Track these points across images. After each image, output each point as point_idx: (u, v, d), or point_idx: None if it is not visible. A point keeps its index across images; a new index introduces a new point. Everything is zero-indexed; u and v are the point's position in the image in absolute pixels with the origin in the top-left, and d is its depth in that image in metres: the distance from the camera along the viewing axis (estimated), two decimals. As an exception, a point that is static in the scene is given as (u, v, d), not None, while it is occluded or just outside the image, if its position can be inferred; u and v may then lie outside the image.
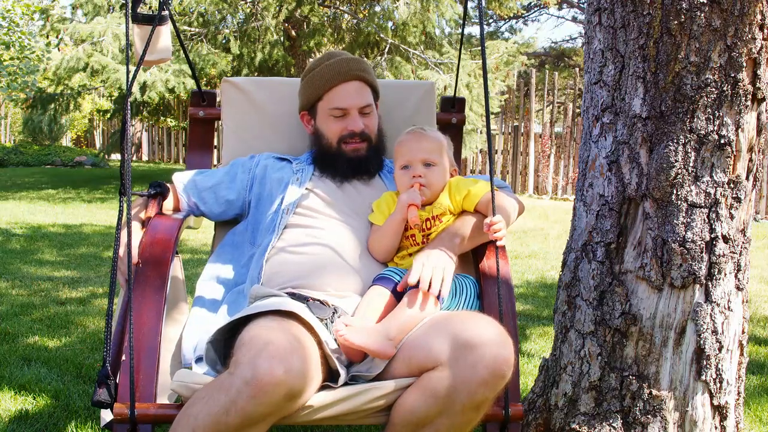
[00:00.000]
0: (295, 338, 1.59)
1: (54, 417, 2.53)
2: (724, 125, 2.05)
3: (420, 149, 2.09)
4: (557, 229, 7.92)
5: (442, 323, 1.66)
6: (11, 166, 16.18)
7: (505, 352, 1.59)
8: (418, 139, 2.11)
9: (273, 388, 1.46)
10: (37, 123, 19.89)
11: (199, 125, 2.66)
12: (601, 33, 2.20)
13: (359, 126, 2.21)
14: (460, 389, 1.55)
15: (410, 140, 2.12)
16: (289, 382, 1.48)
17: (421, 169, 2.07)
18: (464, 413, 1.57)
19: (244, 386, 1.47)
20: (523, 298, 4.74)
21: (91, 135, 22.19)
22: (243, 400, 1.46)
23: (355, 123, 2.21)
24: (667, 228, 2.08)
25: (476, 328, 1.61)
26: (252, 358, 1.50)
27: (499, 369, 1.56)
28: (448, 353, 1.58)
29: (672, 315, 2.11)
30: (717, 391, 2.14)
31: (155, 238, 1.97)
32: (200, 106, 2.65)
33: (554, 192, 12.36)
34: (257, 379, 1.46)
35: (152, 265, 1.91)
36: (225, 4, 10.16)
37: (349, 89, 2.21)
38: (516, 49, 11.53)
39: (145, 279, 1.88)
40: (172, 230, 2.02)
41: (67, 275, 5.05)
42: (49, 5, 11.48)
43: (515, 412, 1.76)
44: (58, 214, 8.56)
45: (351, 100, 2.21)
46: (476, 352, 1.56)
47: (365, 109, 2.24)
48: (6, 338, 3.47)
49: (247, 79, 2.63)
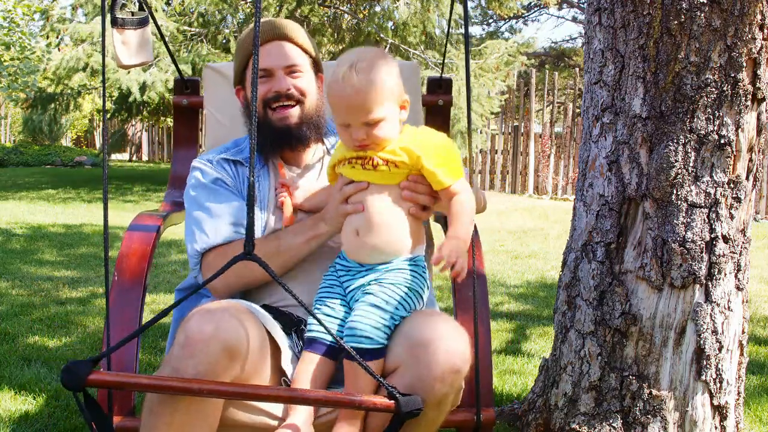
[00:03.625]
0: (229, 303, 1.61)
1: (54, 417, 2.53)
2: (724, 125, 2.05)
3: (357, 109, 1.64)
4: (557, 229, 7.92)
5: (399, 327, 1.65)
6: (11, 166, 16.19)
7: (458, 346, 1.57)
8: (353, 96, 1.63)
9: (206, 344, 1.48)
10: (37, 123, 19.91)
11: (183, 114, 2.61)
12: (601, 33, 2.20)
13: (285, 85, 1.94)
14: (418, 388, 1.54)
15: (342, 95, 1.64)
16: (221, 335, 1.49)
17: (363, 131, 1.66)
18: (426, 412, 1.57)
19: (179, 350, 1.49)
20: (523, 298, 4.74)
21: (91, 135, 22.21)
22: (182, 364, 1.47)
23: (278, 84, 1.94)
24: (667, 228, 2.08)
25: (429, 325, 1.60)
26: (183, 323, 1.53)
27: (452, 363, 1.55)
28: (404, 354, 1.58)
29: (672, 315, 2.11)
30: (717, 391, 2.14)
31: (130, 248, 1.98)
32: (183, 94, 2.59)
33: (554, 192, 12.36)
34: (189, 338, 1.49)
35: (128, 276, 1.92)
36: (225, 4, 10.16)
37: (270, 49, 1.97)
38: (516, 49, 11.53)
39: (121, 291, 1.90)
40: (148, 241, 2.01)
41: (67, 275, 5.05)
42: (49, 6, 11.48)
43: (487, 417, 1.74)
44: (58, 214, 8.57)
45: (272, 60, 1.95)
46: (429, 348, 1.55)
47: (292, 68, 1.96)
48: (6, 338, 3.47)
49: (229, 64, 2.53)
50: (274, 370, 1.70)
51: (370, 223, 1.69)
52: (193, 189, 1.99)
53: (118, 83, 9.63)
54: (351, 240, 1.72)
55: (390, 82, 1.66)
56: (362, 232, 1.70)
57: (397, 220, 1.70)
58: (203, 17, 10.45)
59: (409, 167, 1.68)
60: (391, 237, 1.69)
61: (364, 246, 1.70)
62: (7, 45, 12.81)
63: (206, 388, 1.43)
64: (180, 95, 2.60)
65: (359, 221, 1.71)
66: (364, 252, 1.70)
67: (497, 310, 4.38)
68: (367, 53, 1.68)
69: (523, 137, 12.63)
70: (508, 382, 3.04)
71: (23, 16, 12.78)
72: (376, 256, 1.70)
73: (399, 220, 1.70)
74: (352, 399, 1.47)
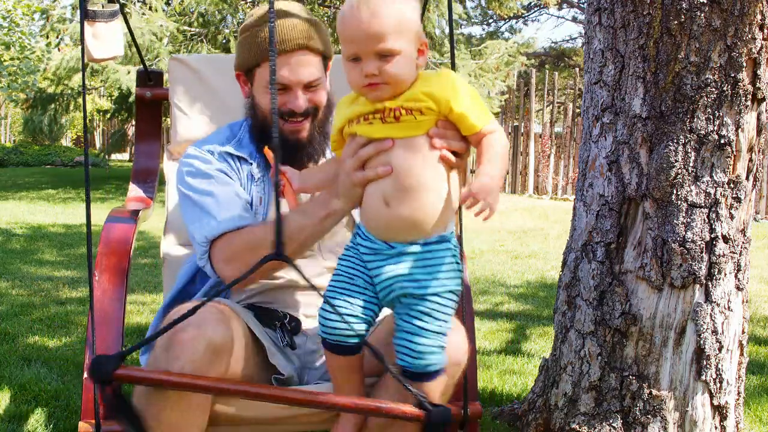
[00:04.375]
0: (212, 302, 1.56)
1: (54, 417, 2.53)
2: (724, 125, 2.05)
3: (371, 36, 1.43)
4: (557, 229, 7.92)
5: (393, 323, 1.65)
6: (11, 166, 16.19)
7: (458, 339, 1.58)
8: (368, 19, 1.43)
9: (191, 343, 1.47)
10: (37, 123, 19.91)
11: (146, 108, 2.55)
12: (601, 33, 2.20)
13: (301, 106, 1.81)
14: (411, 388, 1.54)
15: (356, 20, 1.44)
16: (206, 334, 1.49)
17: (374, 64, 1.43)
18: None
19: (164, 352, 1.49)
20: (523, 298, 4.74)
21: (91, 135, 22.19)
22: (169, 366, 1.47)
23: (296, 102, 1.80)
24: (667, 228, 2.08)
25: None
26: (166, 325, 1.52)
27: (454, 355, 1.56)
28: None
29: (672, 315, 2.11)
30: (717, 391, 2.14)
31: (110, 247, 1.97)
32: (147, 86, 2.51)
33: (554, 192, 12.36)
34: (173, 339, 1.48)
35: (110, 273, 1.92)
36: (225, 4, 10.16)
37: (291, 62, 1.79)
38: (516, 49, 11.54)
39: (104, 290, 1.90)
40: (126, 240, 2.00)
41: (67, 275, 5.05)
42: (49, 5, 11.48)
43: (474, 410, 1.77)
44: (58, 214, 8.57)
45: (293, 76, 1.79)
46: None
47: (311, 83, 1.82)
48: (6, 338, 3.47)
49: (197, 56, 2.52)
50: (261, 366, 1.70)
51: (404, 187, 1.44)
52: (192, 176, 1.83)
53: (118, 83, 9.62)
54: (380, 214, 1.46)
55: (410, 14, 1.47)
56: (394, 201, 1.45)
57: (436, 180, 1.46)
58: (203, 17, 10.45)
59: (436, 113, 1.46)
60: (432, 203, 1.46)
61: (399, 219, 1.45)
62: (7, 45, 12.81)
63: (233, 388, 1.40)
64: (143, 87, 2.52)
65: (388, 188, 1.45)
66: (399, 227, 1.46)
67: (497, 310, 4.38)
68: None
69: (523, 137, 12.63)
70: (508, 382, 3.04)
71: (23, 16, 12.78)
72: (414, 232, 1.46)
73: (437, 179, 1.46)
74: (380, 406, 1.43)
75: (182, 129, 2.44)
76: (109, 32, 1.88)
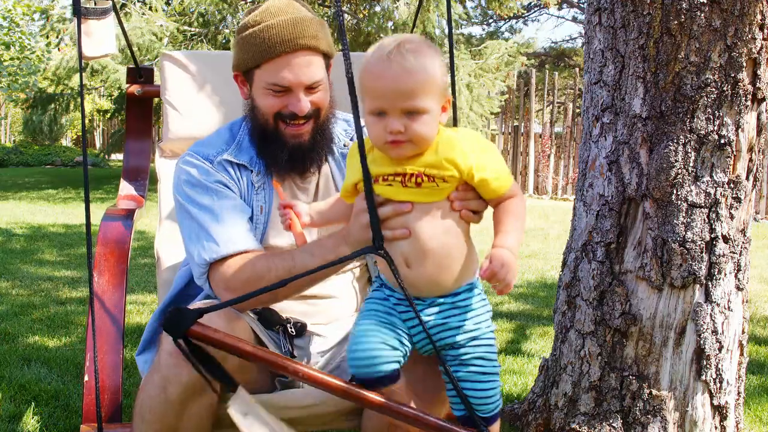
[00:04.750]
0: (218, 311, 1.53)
1: (54, 417, 2.53)
2: (724, 125, 2.05)
3: (401, 93, 1.38)
4: (557, 229, 7.92)
5: None
6: (11, 166, 16.20)
7: None
8: (400, 75, 1.37)
9: None
10: (37, 123, 19.92)
11: (136, 105, 2.55)
12: (601, 33, 2.20)
13: (303, 108, 1.74)
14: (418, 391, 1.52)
15: (385, 74, 1.38)
16: None
17: (400, 122, 1.39)
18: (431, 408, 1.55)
19: (168, 357, 1.49)
20: (523, 298, 4.74)
21: (91, 135, 22.19)
22: (171, 370, 1.47)
23: (298, 105, 1.74)
24: (667, 228, 2.08)
25: None
26: None
27: None
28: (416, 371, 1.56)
29: (672, 315, 2.11)
30: (717, 391, 2.14)
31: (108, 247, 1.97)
32: (137, 83, 2.51)
33: (554, 192, 12.36)
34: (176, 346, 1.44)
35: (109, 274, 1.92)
36: (225, 4, 10.16)
37: (293, 63, 1.72)
38: (516, 49, 11.53)
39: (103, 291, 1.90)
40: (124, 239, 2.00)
41: (67, 275, 5.05)
42: (49, 5, 11.49)
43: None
44: (58, 214, 8.57)
45: (296, 78, 1.73)
46: None
47: (314, 84, 1.75)
48: (6, 338, 3.47)
49: (188, 52, 2.50)
50: (262, 367, 1.68)
51: (424, 251, 1.43)
52: (191, 187, 1.76)
53: (118, 83, 9.62)
54: (401, 273, 1.43)
55: (440, 71, 1.42)
56: (415, 262, 1.44)
57: (455, 243, 1.45)
58: (203, 17, 10.45)
59: (457, 180, 1.44)
60: (451, 265, 1.45)
61: (422, 279, 1.45)
62: (7, 45, 12.81)
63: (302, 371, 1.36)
64: (134, 84, 2.51)
65: (408, 249, 1.44)
66: (423, 286, 1.46)
67: (497, 310, 4.38)
68: (414, 37, 1.44)
69: (523, 137, 12.63)
70: (508, 382, 3.04)
71: (23, 16, 12.79)
72: (439, 289, 1.47)
73: (456, 243, 1.46)
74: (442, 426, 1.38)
75: (174, 126, 2.42)
76: (100, 30, 1.87)
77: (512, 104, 13.02)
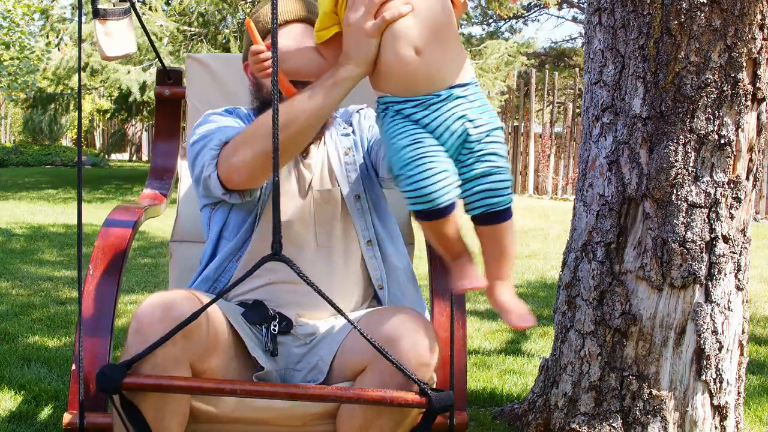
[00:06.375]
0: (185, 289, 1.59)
1: (54, 417, 2.53)
2: (724, 125, 2.05)
3: None
4: (557, 229, 7.93)
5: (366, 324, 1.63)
6: (11, 166, 16.19)
7: (424, 339, 1.56)
8: None
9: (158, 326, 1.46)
10: (37, 123, 19.92)
11: (165, 106, 2.58)
12: (601, 33, 2.20)
13: None
14: (390, 384, 1.54)
15: None
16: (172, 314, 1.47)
17: None
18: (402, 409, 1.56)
19: (133, 337, 1.50)
20: (523, 298, 4.71)
21: (91, 135, 22.21)
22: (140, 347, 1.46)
23: None
24: (667, 228, 2.08)
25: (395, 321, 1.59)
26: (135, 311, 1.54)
27: (419, 357, 1.54)
28: (372, 353, 1.56)
29: (672, 315, 2.11)
30: (717, 391, 2.14)
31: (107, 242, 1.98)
32: (166, 84, 2.56)
33: (554, 192, 12.36)
34: (140, 323, 1.49)
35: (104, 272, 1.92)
36: (225, 4, 10.16)
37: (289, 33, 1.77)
38: (516, 49, 11.55)
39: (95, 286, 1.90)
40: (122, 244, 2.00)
41: (67, 275, 5.05)
42: (49, 5, 11.48)
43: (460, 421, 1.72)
44: (58, 214, 8.57)
45: None
46: (397, 345, 1.54)
47: None
48: (6, 338, 3.47)
49: (211, 55, 2.54)
50: (238, 354, 1.68)
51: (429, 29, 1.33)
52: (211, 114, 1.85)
53: (118, 83, 9.62)
54: (409, 67, 1.33)
55: None
56: (428, 47, 1.33)
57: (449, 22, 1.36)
58: (203, 17, 10.45)
59: None
60: (454, 47, 1.36)
61: (432, 64, 1.34)
62: (7, 45, 12.81)
63: (239, 388, 1.44)
64: (162, 86, 2.56)
65: (414, 34, 1.33)
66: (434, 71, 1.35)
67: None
68: None
69: (523, 137, 12.63)
70: (508, 382, 3.04)
71: (23, 16, 12.78)
72: (447, 76, 1.37)
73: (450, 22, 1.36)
74: (383, 396, 1.46)
75: None
76: (120, 30, 1.89)
77: (512, 104, 13.02)
